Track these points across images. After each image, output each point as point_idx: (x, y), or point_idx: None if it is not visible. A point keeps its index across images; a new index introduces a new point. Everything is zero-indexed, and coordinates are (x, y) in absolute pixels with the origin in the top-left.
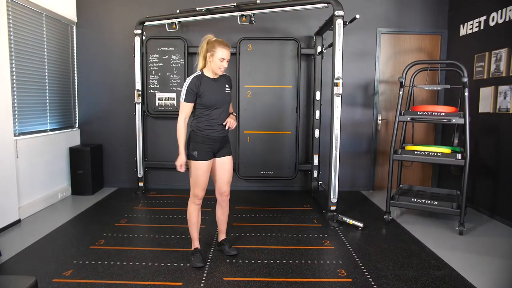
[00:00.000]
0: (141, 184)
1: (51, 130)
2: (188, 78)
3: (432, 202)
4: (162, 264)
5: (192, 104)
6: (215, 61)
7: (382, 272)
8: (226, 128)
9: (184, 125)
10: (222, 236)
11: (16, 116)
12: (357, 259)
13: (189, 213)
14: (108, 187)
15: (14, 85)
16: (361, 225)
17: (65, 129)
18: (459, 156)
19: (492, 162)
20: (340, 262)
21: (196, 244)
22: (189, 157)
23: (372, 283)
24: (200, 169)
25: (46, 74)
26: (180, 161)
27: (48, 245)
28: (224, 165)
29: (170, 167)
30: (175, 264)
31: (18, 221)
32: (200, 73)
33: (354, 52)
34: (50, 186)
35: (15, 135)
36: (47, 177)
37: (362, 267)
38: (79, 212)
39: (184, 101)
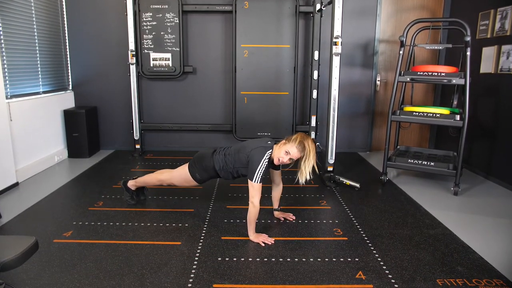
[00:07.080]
0: (137, 146)
1: (44, 92)
2: (258, 155)
3: (428, 163)
4: (161, 225)
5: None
6: (281, 151)
7: (377, 231)
8: None
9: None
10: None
11: (7, 78)
12: (353, 219)
13: (157, 179)
14: (104, 149)
15: (2, 45)
16: (357, 185)
17: (58, 91)
18: (458, 117)
19: (490, 123)
20: (337, 221)
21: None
22: (192, 170)
23: (367, 241)
24: (189, 183)
25: (36, 33)
26: (256, 239)
27: (47, 207)
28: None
29: (166, 129)
30: (174, 224)
31: (16, 184)
32: (270, 153)
33: (354, 10)
34: (46, 149)
35: (7, 98)
36: (43, 140)
37: (358, 226)
38: (77, 175)
39: (259, 182)
